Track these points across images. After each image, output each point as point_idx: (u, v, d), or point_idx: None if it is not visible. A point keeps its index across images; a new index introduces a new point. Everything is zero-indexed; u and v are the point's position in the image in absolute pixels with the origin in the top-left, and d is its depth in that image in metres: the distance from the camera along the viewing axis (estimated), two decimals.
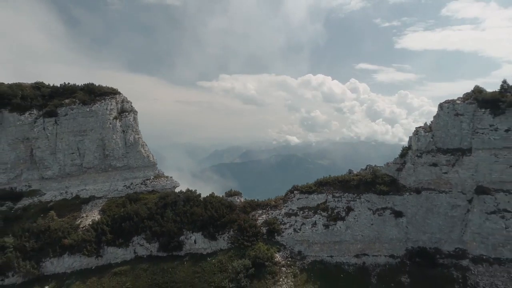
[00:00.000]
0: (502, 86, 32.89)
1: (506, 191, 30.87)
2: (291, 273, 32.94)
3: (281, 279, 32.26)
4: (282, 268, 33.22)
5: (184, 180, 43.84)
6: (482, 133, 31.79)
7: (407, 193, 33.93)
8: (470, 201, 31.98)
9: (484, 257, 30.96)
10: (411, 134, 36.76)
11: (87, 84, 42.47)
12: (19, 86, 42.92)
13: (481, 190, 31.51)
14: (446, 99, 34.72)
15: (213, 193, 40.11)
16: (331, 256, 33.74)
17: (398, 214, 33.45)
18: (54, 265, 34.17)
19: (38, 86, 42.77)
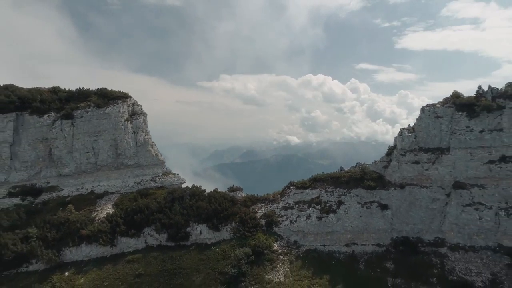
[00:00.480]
0: (477, 91, 36.14)
1: (480, 186, 34.09)
2: (287, 260, 36.21)
3: (278, 266, 35.55)
4: (279, 256, 36.49)
5: (186, 179, 46.97)
6: (459, 134, 35.03)
7: (392, 188, 37.23)
8: (448, 195, 35.21)
9: (461, 245, 34.18)
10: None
11: (101, 88, 45.81)
12: (37, 90, 46.33)
13: (458, 185, 34.72)
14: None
15: (216, 188, 43.43)
16: (324, 245, 36.96)
17: (384, 207, 36.70)
18: (73, 253, 37.52)
19: (55, 90, 46.11)
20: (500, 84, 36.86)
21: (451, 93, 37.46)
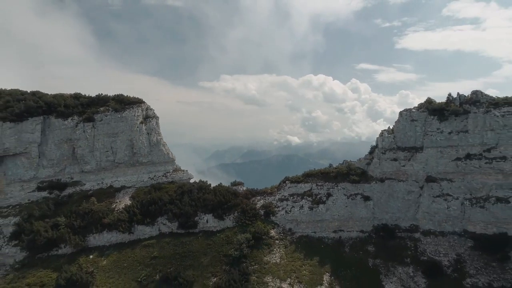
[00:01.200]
0: (447, 98, 41.01)
1: (448, 180, 38.92)
2: (282, 245, 41.03)
3: (274, 249, 40.36)
4: (276, 241, 41.30)
5: None
6: (431, 135, 39.86)
7: (374, 182, 41.94)
8: (421, 187, 39.95)
9: (431, 230, 38.99)
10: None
11: (117, 95, 50.53)
12: (61, 96, 51.28)
13: (429, 179, 39.54)
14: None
15: (220, 183, 48.54)
16: (315, 232, 41.77)
17: (366, 198, 41.39)
18: (96, 239, 42.34)
19: (77, 96, 50.99)
20: (501, 84, 42.02)
21: (453, 92, 41.65)
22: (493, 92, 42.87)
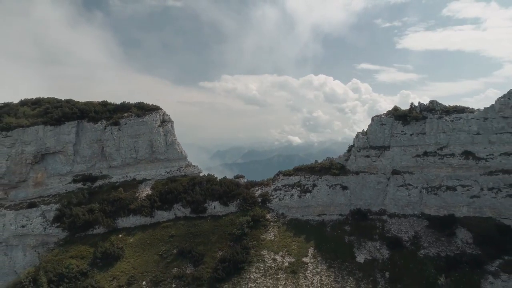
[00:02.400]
0: (410, 106, 49.10)
1: (409, 172, 46.79)
2: (276, 226, 48.82)
3: (270, 229, 48.14)
4: (271, 222, 49.10)
5: None
6: (396, 136, 47.76)
7: (350, 174, 49.40)
8: (388, 179, 47.60)
9: (396, 213, 46.86)
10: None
11: (139, 102, 58.36)
12: (91, 103, 59.42)
13: (395, 172, 47.37)
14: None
15: (225, 176, 56.86)
16: (302, 216, 49.35)
17: (344, 188, 48.77)
18: (124, 222, 50.10)
19: (104, 103, 59.10)
20: (502, 84, 49.61)
21: (453, 93, 50.07)
22: (494, 92, 50.43)
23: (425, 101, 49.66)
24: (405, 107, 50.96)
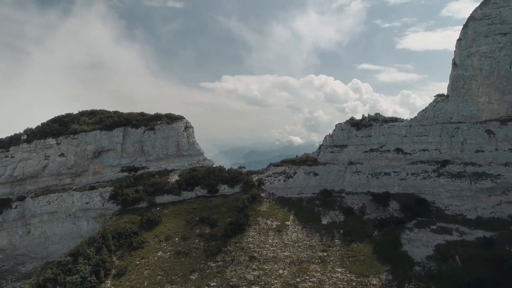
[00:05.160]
0: (362, 116, 66.11)
1: (360, 163, 62.81)
2: (268, 201, 64.27)
3: (263, 203, 63.38)
4: (264, 199, 64.49)
5: None
6: (352, 138, 63.41)
7: (320, 165, 64.32)
8: (346, 168, 64.07)
9: (351, 191, 61.99)
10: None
11: (168, 113, 74.65)
12: (132, 114, 75.87)
13: (350, 163, 62.99)
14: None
15: (231, 167, 74.09)
16: (286, 194, 63.93)
17: (316, 174, 63.42)
18: (160, 199, 65.45)
19: (142, 114, 75.51)
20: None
21: None
22: None
23: (427, 101, 65.42)
24: (405, 107, 70.34)
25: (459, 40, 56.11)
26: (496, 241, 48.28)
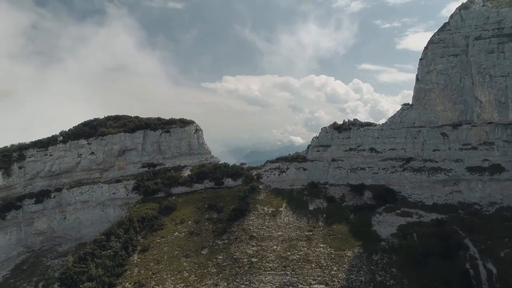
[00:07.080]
0: (343, 121, 76.17)
1: (341, 160, 73.36)
2: (265, 192, 73.67)
3: (261, 194, 72.31)
4: (262, 190, 73.87)
5: None
6: (334, 139, 72.77)
7: (309, 162, 73.03)
8: (329, 164, 73.54)
9: (333, 184, 71.15)
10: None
11: (181, 118, 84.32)
12: (150, 118, 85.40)
13: (333, 160, 72.45)
14: None
15: (234, 164, 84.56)
16: (280, 186, 72.96)
17: (305, 169, 72.15)
18: (175, 190, 74.56)
19: (159, 119, 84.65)
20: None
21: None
22: None
23: None
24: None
25: (421, 59, 66.12)
26: (447, 222, 58.24)
